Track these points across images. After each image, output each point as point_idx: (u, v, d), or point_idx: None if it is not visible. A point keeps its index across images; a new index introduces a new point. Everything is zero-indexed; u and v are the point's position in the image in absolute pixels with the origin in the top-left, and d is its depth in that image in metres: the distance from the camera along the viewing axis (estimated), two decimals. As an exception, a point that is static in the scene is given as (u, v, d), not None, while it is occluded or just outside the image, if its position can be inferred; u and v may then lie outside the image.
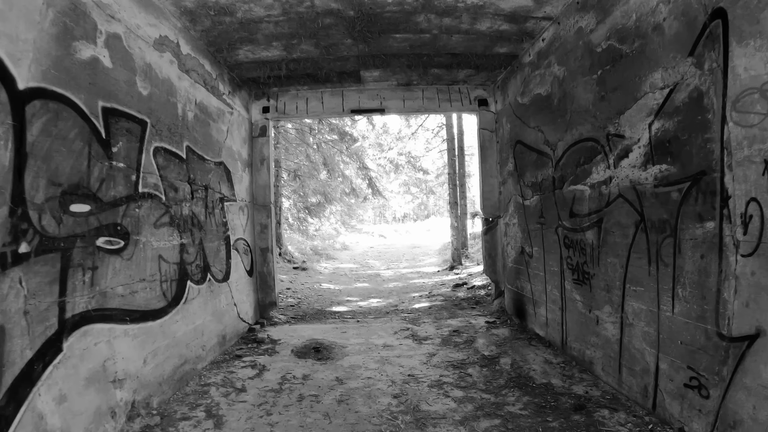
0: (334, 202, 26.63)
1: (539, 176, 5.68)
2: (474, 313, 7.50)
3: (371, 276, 14.19)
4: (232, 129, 6.56)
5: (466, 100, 7.58)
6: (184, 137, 4.94)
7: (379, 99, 7.41)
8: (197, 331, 5.06)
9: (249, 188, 7.16)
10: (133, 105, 4.03)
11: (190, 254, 4.89)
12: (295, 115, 7.44)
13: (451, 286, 10.21)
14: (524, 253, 6.32)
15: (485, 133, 7.54)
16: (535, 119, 5.81)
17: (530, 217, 6.03)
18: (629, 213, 3.89)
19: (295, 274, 14.55)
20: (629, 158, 3.87)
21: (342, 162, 22.42)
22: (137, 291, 3.95)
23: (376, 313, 7.98)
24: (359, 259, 21.23)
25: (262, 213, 7.33)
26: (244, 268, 6.75)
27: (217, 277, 5.66)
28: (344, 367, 5.03)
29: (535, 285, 6.01)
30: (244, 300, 6.73)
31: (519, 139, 6.37)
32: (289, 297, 9.79)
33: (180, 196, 4.74)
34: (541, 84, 5.62)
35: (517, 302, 6.70)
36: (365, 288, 11.50)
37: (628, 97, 3.89)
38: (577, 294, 4.86)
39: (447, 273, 13.31)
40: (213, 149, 5.74)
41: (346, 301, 9.32)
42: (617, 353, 4.21)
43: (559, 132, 5.11)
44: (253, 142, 7.46)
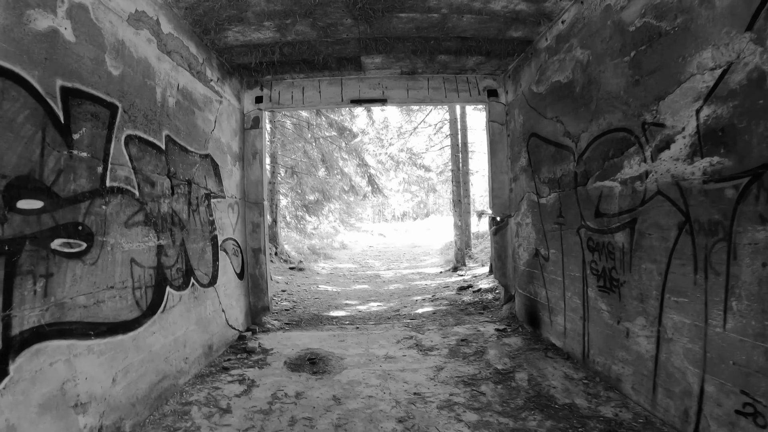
0: (332, 200, 26.17)
1: (558, 172, 5.18)
2: (482, 319, 7.02)
3: (371, 277, 13.70)
4: (221, 119, 6.06)
5: (475, 91, 7.08)
6: (164, 125, 4.44)
7: (381, 88, 6.91)
8: (178, 343, 4.57)
9: (240, 184, 6.65)
10: (101, 86, 3.53)
11: (169, 257, 4.39)
12: (291, 106, 6.94)
13: (456, 289, 9.71)
14: (539, 256, 5.83)
15: (495, 126, 7.04)
16: (553, 109, 5.32)
17: (546, 216, 5.54)
18: (670, 213, 3.40)
19: (292, 275, 14.06)
20: (671, 150, 3.38)
21: (341, 159, 21.92)
22: (104, 300, 3.46)
23: (377, 318, 7.49)
24: (358, 258, 20.74)
25: (254, 211, 6.82)
26: (234, 271, 6.25)
27: (203, 281, 5.16)
28: (342, 384, 4.54)
29: (551, 291, 5.52)
30: (234, 305, 6.23)
31: (533, 132, 5.87)
32: (284, 300, 9.29)
33: (157, 191, 4.24)
34: (560, 70, 5.13)
35: (530, 309, 6.21)
36: (365, 290, 11.01)
37: (669, 81, 3.40)
38: (603, 303, 4.37)
39: (450, 274, 12.82)
40: (198, 140, 5.24)
41: (345, 305, 8.83)
42: (651, 371, 3.73)
43: (583, 122, 4.62)
44: (244, 135, 6.96)
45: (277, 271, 14.29)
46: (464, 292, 9.31)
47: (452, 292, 9.45)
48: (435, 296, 9.22)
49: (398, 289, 10.80)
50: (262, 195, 6.81)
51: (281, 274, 14.05)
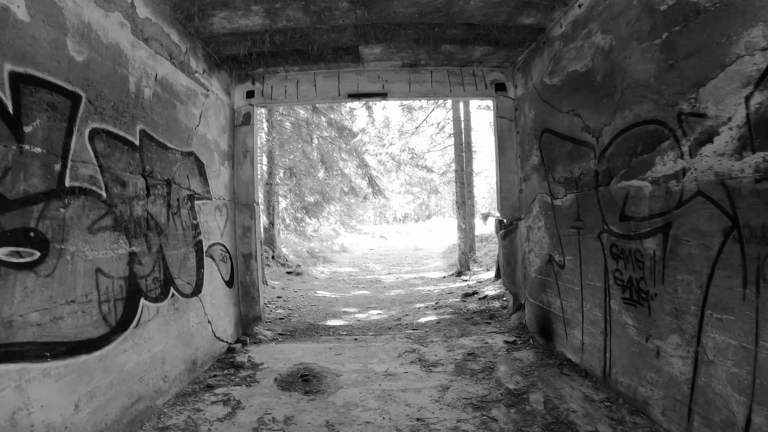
0: (332, 202, 25.79)
1: (575, 170, 4.76)
2: (489, 329, 6.59)
3: (371, 282, 13.27)
4: (208, 114, 5.65)
5: (481, 84, 6.66)
6: (138, 119, 4.02)
7: (381, 81, 6.49)
8: (156, 360, 4.15)
9: (229, 185, 6.24)
10: (61, 73, 3.12)
11: (144, 265, 3.97)
12: (284, 101, 6.52)
13: (460, 296, 9.28)
14: (552, 263, 5.40)
15: (503, 122, 6.62)
16: (569, 102, 4.90)
17: (562, 219, 5.11)
18: (714, 216, 2.97)
19: (289, 280, 13.64)
20: (714, 144, 2.96)
21: (341, 159, 21.51)
22: (63, 317, 3.04)
23: (377, 328, 7.06)
24: (358, 262, 20.32)
25: (244, 213, 6.40)
26: (222, 279, 5.83)
27: (185, 291, 4.74)
28: (337, 406, 4.11)
29: (567, 301, 5.09)
30: (222, 315, 5.81)
31: (547, 128, 5.45)
32: (279, 307, 8.87)
33: (129, 192, 3.82)
34: (577, 59, 4.71)
35: (542, 319, 5.78)
36: (364, 296, 10.58)
37: (710, 64, 2.98)
38: (629, 317, 3.94)
39: (454, 279, 12.39)
40: (180, 136, 4.82)
41: (343, 313, 8.40)
42: (687, 396, 3.30)
43: (605, 115, 4.20)
44: (235, 132, 6.54)
45: (273, 276, 13.87)
46: (469, 299, 8.88)
47: (457, 299, 9.02)
48: (438, 303, 8.79)
49: (400, 296, 10.37)
50: (253, 196, 6.39)
51: (278, 278, 13.63)
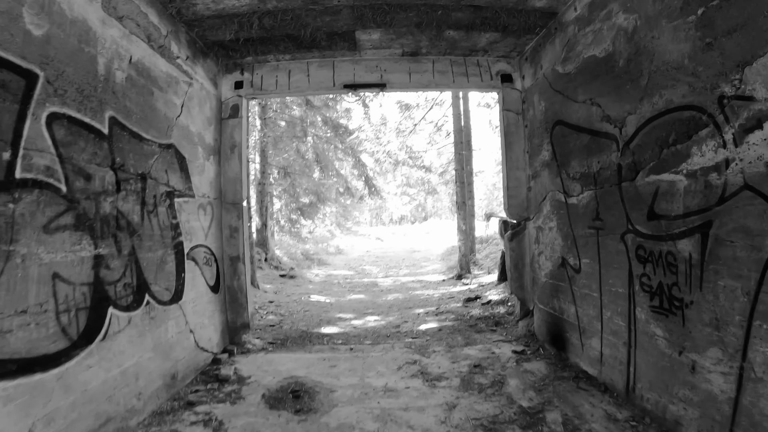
0: (328, 203, 25.42)
1: (594, 165, 4.38)
2: (495, 338, 6.20)
3: (367, 286, 12.87)
4: (191, 105, 5.25)
5: (486, 75, 6.29)
6: (107, 105, 3.62)
7: (379, 71, 6.10)
8: (128, 376, 3.74)
9: (214, 182, 5.83)
10: (14, 48, 2.73)
11: (113, 270, 3.57)
12: (275, 92, 6.13)
13: (462, 301, 8.90)
14: (566, 266, 5.03)
15: (510, 115, 6.25)
16: (586, 90, 4.53)
17: (577, 219, 4.73)
18: (764, 213, 2.60)
19: (282, 283, 13.23)
20: (764, 130, 2.59)
21: (336, 159, 21.11)
22: (11, 330, 2.64)
23: (374, 336, 6.66)
24: (354, 264, 19.91)
25: (231, 213, 5.99)
26: (206, 284, 5.43)
27: (162, 297, 4.34)
28: (331, 428, 3.71)
29: (583, 308, 4.72)
30: (206, 324, 5.41)
31: (559, 120, 5.08)
32: (270, 313, 8.46)
33: (96, 186, 3.42)
34: (595, 43, 4.34)
35: (554, 327, 5.41)
36: (361, 301, 10.18)
37: (757, 40, 2.62)
38: (659, 327, 3.56)
39: (454, 283, 12.00)
40: (158, 127, 4.42)
41: (338, 319, 8.00)
42: (728, 417, 2.93)
43: (629, 102, 3.83)
44: (222, 125, 6.15)
45: (266, 279, 13.46)
46: (472, 304, 8.50)
47: (458, 305, 8.64)
48: (439, 309, 8.40)
49: (398, 300, 9.97)
50: (241, 194, 5.99)
51: (270, 282, 13.22)
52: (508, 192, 6.14)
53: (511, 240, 6.15)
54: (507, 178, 6.15)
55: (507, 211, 6.21)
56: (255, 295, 10.51)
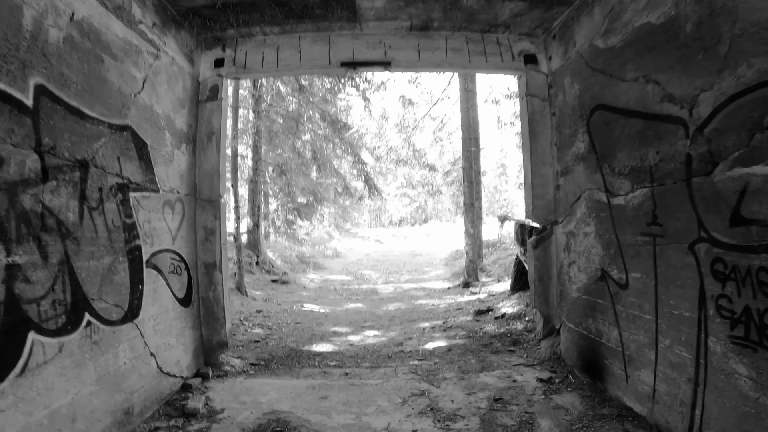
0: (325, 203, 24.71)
1: (650, 156, 3.62)
2: (515, 360, 5.44)
3: (366, 293, 12.11)
4: (157, 81, 4.49)
5: (507, 55, 5.54)
6: (34, 69, 2.86)
7: (383, 48, 5.34)
8: (59, 419, 2.98)
9: (187, 174, 5.07)
10: None
11: (34, 283, 2.80)
12: (261, 70, 5.38)
13: (472, 313, 8.12)
14: (607, 280, 4.26)
15: (534, 102, 5.49)
16: (638, 66, 3.77)
17: (625, 223, 3.96)
18: None
19: (273, 290, 12.47)
20: None
21: (335, 156, 20.36)
22: None
23: (374, 357, 5.89)
24: (352, 269, 19.15)
25: (207, 212, 5.23)
26: (173, 296, 4.66)
27: (109, 316, 3.57)
28: (317, 490, 2.95)
29: (629, 332, 3.95)
30: (173, 344, 4.64)
31: (600, 104, 4.33)
32: (257, 326, 7.69)
33: (10, 173, 2.65)
34: (650, 8, 3.59)
35: (587, 352, 4.65)
36: (358, 311, 9.41)
37: None
38: (741, 363, 2.80)
39: (461, 291, 11.23)
40: (108, 103, 3.66)
41: (333, 334, 7.23)
42: None
43: (702, 76, 3.07)
44: (199, 109, 5.39)
45: (256, 285, 12.68)
46: (484, 317, 7.73)
47: (468, 318, 7.86)
48: (447, 323, 7.62)
49: (399, 311, 9.20)
50: (218, 190, 5.22)
51: (261, 288, 12.45)
52: (533, 191, 5.37)
53: (536, 247, 5.37)
54: (531, 175, 5.38)
55: (531, 214, 5.44)
56: (242, 303, 9.75)
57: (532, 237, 5.43)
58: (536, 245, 5.37)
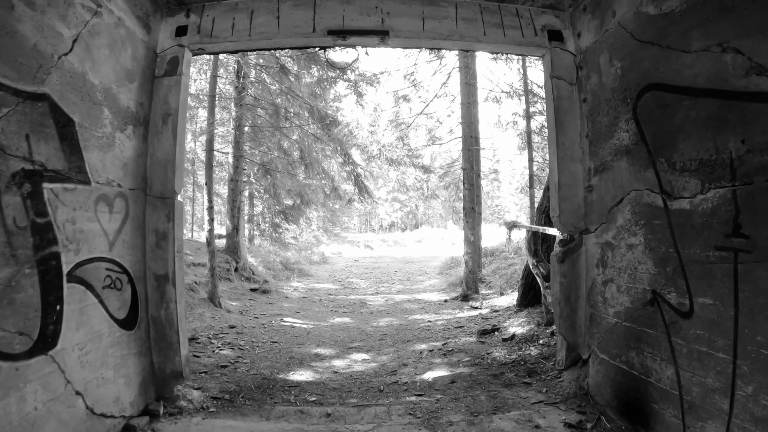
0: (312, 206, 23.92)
1: (732, 147, 2.85)
2: (533, 396, 4.65)
3: (354, 305, 11.28)
4: (95, 44, 3.67)
5: (529, 30, 4.79)
6: None
7: (380, 14, 4.55)
8: None
9: (134, 164, 4.23)
10: None
11: None
12: (230, 39, 4.58)
13: (476, 333, 7.32)
14: (660, 305, 3.49)
15: (561, 86, 4.73)
16: (709, 32, 3.02)
17: (690, 233, 3.19)
18: None
19: (252, 300, 11.61)
20: None
21: (324, 157, 19.54)
22: None
23: (362, 390, 5.07)
24: (340, 276, 18.30)
25: (159, 211, 4.39)
26: (109, 317, 3.81)
27: (9, 348, 2.72)
28: None
29: (691, 371, 3.18)
30: (110, 377, 3.80)
31: (653, 83, 3.56)
32: (227, 345, 6.83)
33: None
34: (729, -47, 2.84)
35: (628, 390, 3.87)
36: (345, 327, 8.58)
37: None
38: None
39: (460, 305, 10.43)
40: (18, 63, 2.84)
41: (314, 358, 6.40)
42: None
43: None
44: (155, 86, 4.57)
45: (233, 294, 11.82)
46: (489, 338, 6.94)
47: (472, 339, 7.06)
48: (447, 345, 6.81)
49: (392, 328, 8.39)
50: (173, 184, 4.38)
51: (238, 298, 11.58)
52: (559, 192, 4.58)
53: (562, 261, 4.59)
54: (558, 174, 4.60)
55: (557, 221, 4.65)
56: (214, 317, 8.88)
57: (557, 249, 4.65)
58: (562, 258, 4.59)
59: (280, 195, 21.21)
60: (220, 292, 11.52)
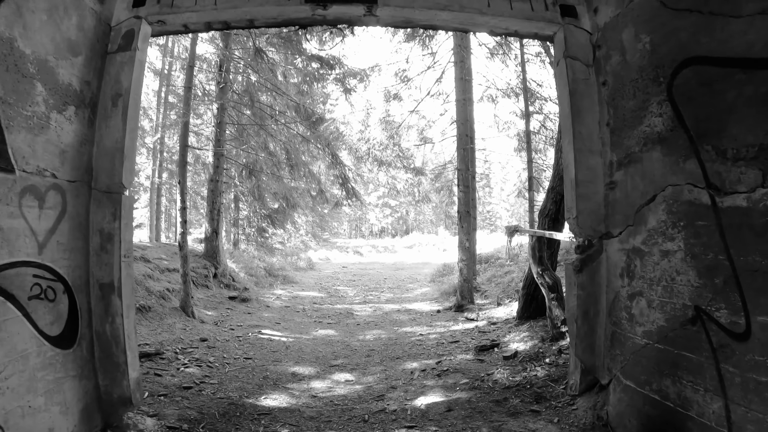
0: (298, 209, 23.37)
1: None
2: (542, 427, 4.10)
3: (340, 316, 10.70)
4: (28, 6, 3.11)
5: (539, 4, 4.29)
6: None
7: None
8: None
9: (75, 152, 3.65)
10: None
11: None
12: (193, 9, 4.02)
13: (473, 349, 6.77)
14: (706, 324, 2.96)
15: (576, 67, 4.22)
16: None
17: (745, 236, 2.67)
18: None
19: (229, 309, 11.00)
20: None
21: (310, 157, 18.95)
22: None
23: (343, 419, 4.47)
24: (327, 283, 17.70)
25: (104, 208, 3.80)
26: (38, 333, 3.22)
27: None
28: None
29: (746, 406, 2.66)
30: (39, 405, 3.20)
31: (694, 56, 3.06)
32: (194, 362, 6.22)
33: None
34: None
35: (661, 424, 3.34)
36: (329, 341, 8.00)
37: None
38: None
39: (454, 316, 9.88)
40: None
41: (291, 378, 5.82)
42: None
43: None
44: (106, 63, 4.00)
45: (210, 303, 11.20)
46: (489, 356, 6.39)
47: (468, 356, 6.50)
48: (442, 363, 6.24)
49: (380, 343, 7.82)
50: (120, 177, 3.79)
51: (214, 306, 10.97)
52: (577, 190, 4.05)
53: (579, 270, 4.05)
54: (575, 167, 4.06)
55: (573, 222, 4.12)
56: (185, 328, 8.27)
57: (573, 256, 4.11)
58: (580, 267, 4.05)
59: (265, 198, 20.63)
60: (196, 300, 10.91)
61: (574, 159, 4.08)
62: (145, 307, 8.46)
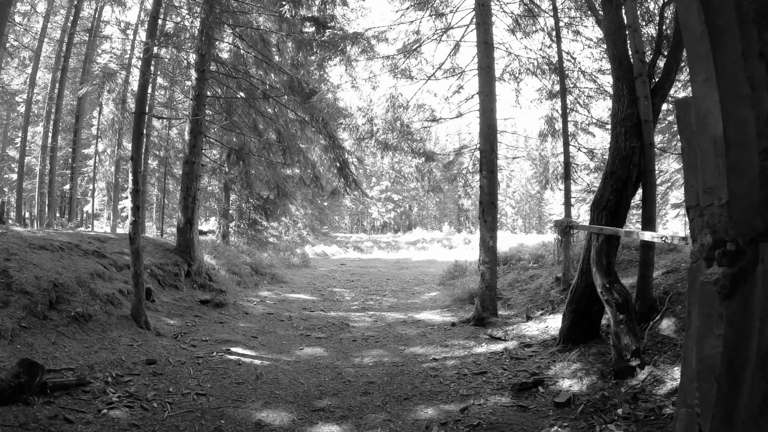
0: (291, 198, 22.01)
1: None
2: None
3: (333, 327, 9.24)
4: None
5: None
6: None
7: None
8: None
9: None
10: None
11: None
12: None
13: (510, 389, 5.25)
14: None
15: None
16: None
17: None
18: None
19: (198, 316, 9.54)
20: None
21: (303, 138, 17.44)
22: None
23: None
24: (321, 284, 16.24)
25: None
26: None
27: None
28: None
29: None
30: None
31: None
32: (123, 402, 4.75)
33: None
34: None
35: None
36: (315, 365, 6.54)
37: None
38: None
39: (474, 332, 8.38)
40: None
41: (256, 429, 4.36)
42: None
43: None
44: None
45: (174, 308, 9.75)
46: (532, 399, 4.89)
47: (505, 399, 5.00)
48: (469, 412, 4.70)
49: (382, 370, 6.34)
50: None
51: (180, 313, 9.52)
52: (727, 155, 2.57)
53: (730, 296, 2.58)
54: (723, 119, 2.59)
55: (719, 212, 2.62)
56: (132, 345, 6.81)
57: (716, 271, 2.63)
58: (731, 290, 2.58)
59: (255, 185, 19.21)
60: (159, 304, 9.47)
61: (721, 106, 2.58)
62: (84, 315, 6.98)
